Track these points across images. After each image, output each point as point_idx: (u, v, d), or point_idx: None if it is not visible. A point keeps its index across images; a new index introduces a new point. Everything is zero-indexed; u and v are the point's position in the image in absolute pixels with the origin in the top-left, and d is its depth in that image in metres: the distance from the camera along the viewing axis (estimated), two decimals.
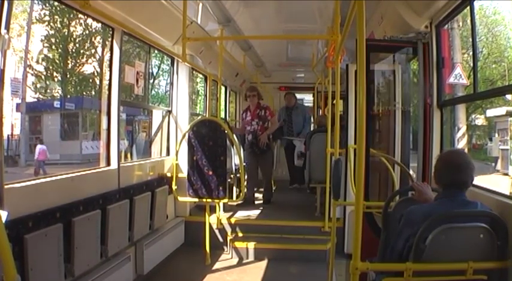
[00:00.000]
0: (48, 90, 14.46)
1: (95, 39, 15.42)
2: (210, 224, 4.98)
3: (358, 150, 1.91)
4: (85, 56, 15.32)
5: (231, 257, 5.04)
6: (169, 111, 5.49)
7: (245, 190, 5.69)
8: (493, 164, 14.82)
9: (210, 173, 4.73)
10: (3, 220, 1.55)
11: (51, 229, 2.78)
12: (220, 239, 5.26)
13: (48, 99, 14.41)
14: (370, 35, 4.64)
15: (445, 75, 3.79)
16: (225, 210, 5.63)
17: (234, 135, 5.54)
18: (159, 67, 17.54)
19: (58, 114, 14.39)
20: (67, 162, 12.41)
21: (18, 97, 12.71)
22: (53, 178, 3.06)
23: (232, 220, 5.33)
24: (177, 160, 4.98)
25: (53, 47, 14.42)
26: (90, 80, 15.66)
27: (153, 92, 17.82)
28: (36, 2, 13.63)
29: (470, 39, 3.44)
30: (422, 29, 3.66)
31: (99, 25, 9.30)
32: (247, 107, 6.33)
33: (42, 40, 14.10)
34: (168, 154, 5.39)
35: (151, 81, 16.39)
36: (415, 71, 5.52)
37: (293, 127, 7.72)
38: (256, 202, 6.36)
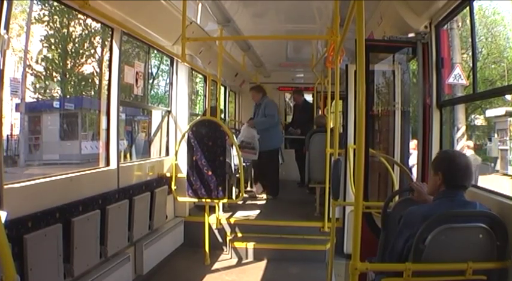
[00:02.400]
0: (48, 91, 14.43)
1: (94, 39, 15.40)
2: (209, 224, 4.98)
3: (358, 150, 1.90)
4: (84, 56, 15.29)
5: (231, 258, 5.04)
6: (169, 112, 5.49)
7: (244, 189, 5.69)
8: (492, 164, 14.84)
9: (210, 173, 4.73)
10: (3, 220, 1.55)
11: (51, 229, 2.78)
12: (220, 240, 5.26)
13: (47, 99, 14.38)
14: (369, 35, 4.64)
15: (444, 76, 3.79)
16: (224, 210, 5.64)
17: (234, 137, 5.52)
18: (158, 67, 17.54)
19: (57, 115, 14.34)
20: (66, 162, 12.37)
21: (17, 97, 12.67)
22: (53, 178, 3.06)
23: (232, 220, 5.33)
24: (176, 160, 4.98)
25: (53, 47, 14.38)
26: (90, 80, 15.64)
27: (152, 92, 17.82)
28: (35, 2, 13.61)
29: (470, 40, 3.45)
30: (421, 29, 3.65)
31: (99, 25, 9.30)
32: None
33: (41, 40, 14.06)
34: (167, 154, 5.39)
35: (150, 81, 16.38)
36: (414, 71, 5.53)
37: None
38: (257, 202, 6.39)
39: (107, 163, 3.89)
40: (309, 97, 10.33)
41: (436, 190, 2.28)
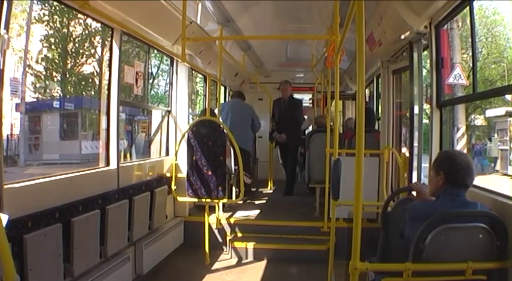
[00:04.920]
0: (48, 90, 14.43)
1: (94, 39, 15.40)
2: (209, 224, 4.98)
3: (358, 151, 1.90)
4: (84, 56, 15.29)
5: (230, 257, 5.03)
6: (169, 111, 5.49)
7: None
8: (492, 164, 14.84)
9: (210, 173, 4.72)
10: (4, 223, 1.54)
11: (51, 229, 2.78)
12: (220, 239, 5.25)
13: (47, 99, 14.38)
14: (369, 35, 4.64)
15: (444, 76, 3.79)
16: (224, 210, 5.64)
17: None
18: (158, 67, 17.51)
19: (57, 114, 14.35)
20: (66, 162, 12.38)
21: (17, 97, 12.67)
22: (52, 178, 3.06)
23: (232, 220, 5.33)
24: (176, 160, 4.98)
25: (53, 47, 14.39)
26: (90, 80, 15.64)
27: (152, 92, 17.80)
28: (35, 2, 13.60)
29: (470, 40, 3.44)
30: (421, 29, 3.65)
31: (99, 25, 9.29)
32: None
33: (41, 40, 14.06)
34: (167, 154, 5.39)
35: (150, 81, 16.37)
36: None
37: None
38: (256, 202, 6.40)
39: (107, 163, 3.89)
40: (309, 97, 10.34)
41: (438, 190, 2.28)
